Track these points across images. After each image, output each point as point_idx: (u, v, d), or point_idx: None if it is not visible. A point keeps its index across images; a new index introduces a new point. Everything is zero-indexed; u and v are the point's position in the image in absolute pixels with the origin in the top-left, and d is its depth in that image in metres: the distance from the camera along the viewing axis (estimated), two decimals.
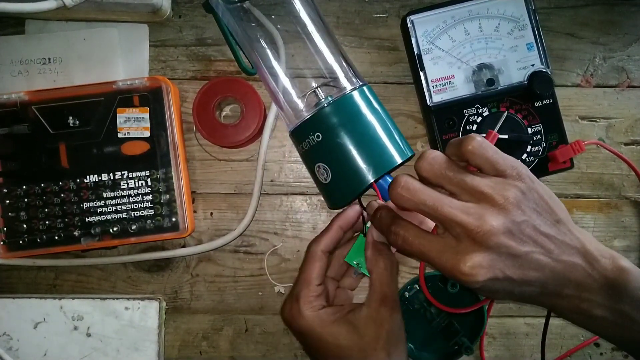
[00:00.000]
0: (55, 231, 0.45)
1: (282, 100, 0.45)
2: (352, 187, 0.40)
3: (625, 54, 0.50)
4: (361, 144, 0.39)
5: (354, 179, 0.39)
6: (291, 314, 0.39)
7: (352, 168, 0.39)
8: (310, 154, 0.41)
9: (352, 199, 0.41)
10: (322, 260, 0.40)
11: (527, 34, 0.46)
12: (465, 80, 0.47)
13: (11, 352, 0.46)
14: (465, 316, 0.47)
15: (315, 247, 0.40)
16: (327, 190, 0.42)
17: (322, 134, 0.40)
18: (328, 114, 0.40)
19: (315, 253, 0.40)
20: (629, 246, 0.50)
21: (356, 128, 0.40)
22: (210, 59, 0.50)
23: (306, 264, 0.40)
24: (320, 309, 0.39)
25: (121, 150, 0.46)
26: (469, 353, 0.46)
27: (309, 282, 0.39)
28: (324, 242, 0.40)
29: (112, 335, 0.47)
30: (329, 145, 0.40)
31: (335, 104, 0.40)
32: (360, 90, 0.41)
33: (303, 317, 0.38)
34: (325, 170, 0.40)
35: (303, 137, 0.41)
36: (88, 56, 0.49)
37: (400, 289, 0.48)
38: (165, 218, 0.46)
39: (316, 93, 0.43)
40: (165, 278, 0.50)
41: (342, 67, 0.44)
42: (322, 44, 0.44)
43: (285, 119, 0.45)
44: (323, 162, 0.40)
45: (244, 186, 0.50)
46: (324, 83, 0.44)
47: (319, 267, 0.40)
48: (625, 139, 0.50)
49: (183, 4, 0.50)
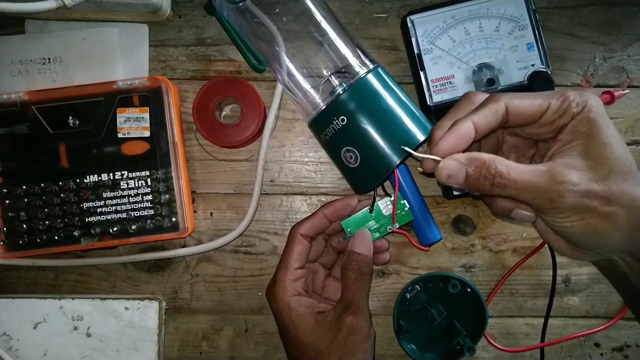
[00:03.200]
0: (55, 231, 0.45)
1: (298, 93, 0.45)
2: (381, 167, 0.40)
3: (625, 54, 0.50)
4: (386, 124, 0.40)
5: (383, 158, 0.40)
6: (268, 294, 0.41)
7: (380, 149, 0.40)
8: (336, 140, 0.41)
9: (382, 179, 0.41)
10: (302, 243, 0.41)
11: (527, 34, 0.46)
12: (466, 80, 0.46)
13: (11, 352, 0.46)
14: (466, 316, 0.47)
15: (295, 230, 0.41)
16: (356, 174, 0.42)
17: (347, 117, 0.40)
18: (350, 97, 0.40)
19: (294, 236, 0.41)
20: None
21: (380, 108, 0.40)
22: (210, 59, 0.50)
23: (286, 247, 0.41)
24: (295, 295, 0.39)
25: (121, 150, 0.46)
26: (471, 353, 0.46)
27: (287, 265, 0.40)
28: (304, 226, 0.41)
29: (112, 335, 0.47)
30: (354, 128, 0.40)
31: (355, 87, 0.40)
32: (375, 71, 0.41)
33: (277, 299, 0.39)
34: (354, 154, 0.41)
35: (326, 124, 0.41)
36: (88, 56, 0.49)
37: (401, 290, 0.48)
38: (165, 218, 0.46)
39: (331, 81, 0.43)
40: (165, 278, 0.50)
41: (355, 51, 0.44)
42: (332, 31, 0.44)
43: (302, 110, 0.45)
44: (351, 145, 0.41)
45: (244, 186, 0.50)
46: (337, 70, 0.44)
47: (298, 250, 0.40)
48: (625, 139, 0.50)
49: (183, 4, 0.50)
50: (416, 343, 0.48)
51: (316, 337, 0.38)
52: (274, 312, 0.40)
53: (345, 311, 0.38)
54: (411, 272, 0.50)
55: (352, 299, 0.38)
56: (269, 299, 0.41)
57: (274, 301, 0.40)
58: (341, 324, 0.37)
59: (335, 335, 0.37)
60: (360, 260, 0.39)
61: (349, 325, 0.37)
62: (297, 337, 0.38)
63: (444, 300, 0.48)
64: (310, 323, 0.38)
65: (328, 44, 0.44)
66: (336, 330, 0.37)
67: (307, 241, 0.41)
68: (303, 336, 0.38)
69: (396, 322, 0.47)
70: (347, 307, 0.38)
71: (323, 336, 0.38)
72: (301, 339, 0.38)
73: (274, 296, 0.40)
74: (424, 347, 0.48)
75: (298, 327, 0.38)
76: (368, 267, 0.39)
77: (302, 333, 0.38)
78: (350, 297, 0.38)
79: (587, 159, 0.31)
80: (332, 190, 0.50)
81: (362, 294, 0.39)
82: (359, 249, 0.39)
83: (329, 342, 0.37)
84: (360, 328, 0.37)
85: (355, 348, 0.37)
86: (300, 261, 0.40)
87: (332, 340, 0.37)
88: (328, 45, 0.44)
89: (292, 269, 0.40)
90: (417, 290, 0.48)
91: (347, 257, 0.40)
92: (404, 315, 0.48)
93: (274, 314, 0.41)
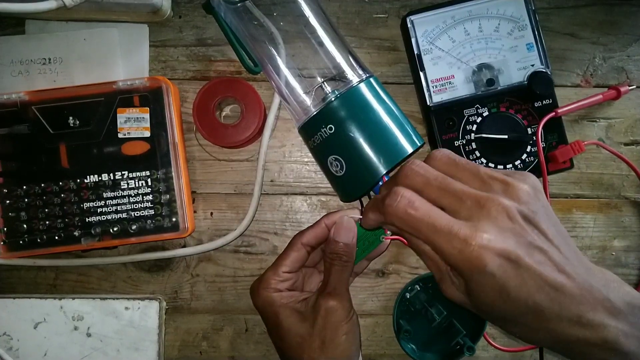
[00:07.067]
0: (56, 231, 0.45)
1: (289, 97, 0.45)
2: (367, 177, 0.40)
3: (625, 54, 0.50)
4: (374, 134, 0.40)
5: (369, 169, 0.40)
6: (252, 290, 0.41)
7: (366, 159, 0.40)
8: (323, 147, 0.41)
9: (367, 189, 0.41)
10: (300, 251, 0.41)
11: (527, 34, 0.46)
12: (465, 81, 0.47)
13: (11, 352, 0.46)
14: (466, 316, 0.47)
15: (297, 238, 0.41)
16: (341, 182, 0.42)
17: (335, 126, 0.40)
18: (340, 105, 0.40)
19: (294, 243, 0.41)
20: (629, 246, 0.50)
21: (369, 118, 0.40)
22: (211, 59, 0.50)
23: (284, 251, 0.42)
24: (277, 292, 0.40)
25: (121, 151, 0.46)
26: (471, 353, 0.46)
27: (277, 267, 0.41)
28: (306, 236, 0.41)
29: (112, 335, 0.47)
30: (342, 137, 0.40)
31: (346, 96, 0.40)
32: (367, 81, 0.41)
33: (259, 295, 0.40)
34: (339, 163, 0.41)
35: (314, 131, 0.41)
36: (88, 56, 0.49)
37: (401, 290, 0.48)
38: (165, 218, 0.46)
39: (323, 87, 0.43)
40: (165, 278, 0.50)
41: (348, 60, 0.44)
42: (327, 38, 0.44)
43: (293, 115, 0.45)
44: (336, 154, 0.41)
45: (244, 186, 0.50)
46: (331, 77, 0.44)
47: (294, 256, 0.41)
48: (625, 139, 0.50)
49: (183, 4, 0.50)
50: (416, 343, 0.48)
51: (297, 321, 0.39)
52: (256, 306, 0.41)
53: (322, 293, 0.39)
54: (411, 271, 0.50)
55: (329, 282, 0.39)
56: (252, 293, 0.41)
57: (256, 295, 0.41)
58: (319, 306, 0.38)
59: (315, 318, 0.38)
60: (339, 249, 0.39)
61: (326, 306, 0.38)
62: (280, 326, 0.39)
63: (443, 300, 0.48)
64: (292, 310, 0.39)
65: (323, 50, 0.44)
66: (315, 313, 0.38)
67: (305, 250, 0.41)
68: (285, 322, 0.39)
69: (396, 322, 0.47)
70: (324, 289, 0.39)
71: (304, 320, 0.39)
72: (284, 325, 0.39)
73: (257, 291, 0.40)
74: (423, 347, 0.48)
75: (280, 315, 0.39)
76: (348, 255, 0.39)
77: (284, 319, 0.39)
78: (328, 281, 0.39)
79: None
80: (332, 190, 0.50)
81: (341, 277, 0.39)
82: (338, 237, 0.39)
83: (309, 326, 0.38)
84: (336, 308, 0.38)
85: (335, 329, 0.38)
86: (291, 267, 0.41)
87: (312, 323, 0.38)
88: (323, 52, 0.44)
89: (281, 271, 0.40)
90: (417, 290, 0.49)
91: (328, 245, 0.40)
92: (404, 315, 0.48)
93: (257, 308, 0.41)
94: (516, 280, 0.29)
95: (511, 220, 0.29)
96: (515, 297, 0.29)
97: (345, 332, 0.38)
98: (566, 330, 0.29)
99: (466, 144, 0.47)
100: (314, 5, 0.44)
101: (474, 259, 0.29)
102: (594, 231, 0.50)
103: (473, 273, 0.29)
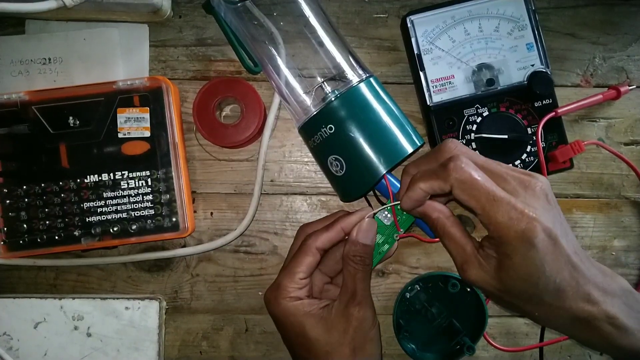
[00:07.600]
0: (56, 231, 0.45)
1: (289, 97, 0.45)
2: (367, 177, 0.40)
3: (625, 54, 0.50)
4: (374, 134, 0.40)
5: (369, 169, 0.40)
6: (269, 299, 0.40)
7: (366, 159, 0.40)
8: (323, 147, 0.41)
9: (367, 189, 0.41)
10: (315, 256, 0.40)
11: (527, 34, 0.46)
12: (465, 80, 0.47)
13: (11, 352, 0.46)
14: (466, 316, 0.47)
15: (312, 242, 0.40)
16: (341, 182, 0.42)
17: (335, 126, 0.40)
18: (340, 105, 0.40)
19: (309, 247, 0.40)
20: (629, 246, 0.50)
21: (369, 118, 0.40)
22: (211, 59, 0.50)
23: (297, 255, 0.40)
24: (298, 300, 0.39)
25: (121, 150, 0.46)
26: (471, 353, 0.46)
27: (294, 274, 0.39)
28: (321, 240, 0.40)
29: (113, 335, 0.47)
30: (342, 137, 0.40)
31: (346, 95, 0.40)
32: (367, 81, 0.41)
33: (279, 304, 0.39)
34: (339, 163, 0.41)
35: (315, 131, 0.41)
36: (88, 56, 0.49)
37: (401, 290, 0.48)
38: (165, 218, 0.46)
39: (323, 87, 0.43)
40: (165, 278, 0.50)
41: (348, 60, 0.44)
42: (327, 38, 0.44)
43: (293, 115, 0.45)
44: (336, 154, 0.41)
45: (244, 186, 0.50)
46: (331, 77, 0.44)
47: (309, 262, 0.39)
48: (625, 139, 0.50)
49: (183, 4, 0.50)
50: (416, 343, 0.48)
51: (325, 329, 0.38)
52: (275, 316, 0.40)
53: (352, 302, 0.38)
54: (411, 271, 0.50)
55: (356, 289, 0.38)
56: (269, 303, 0.40)
57: (275, 305, 0.39)
58: (350, 315, 0.38)
59: (346, 327, 0.38)
60: (364, 251, 0.39)
61: (357, 316, 0.38)
62: (304, 335, 0.38)
63: (443, 299, 0.48)
64: (317, 318, 0.38)
65: (323, 50, 0.44)
66: (345, 321, 0.38)
67: (320, 254, 0.40)
68: (311, 332, 0.38)
69: (396, 322, 0.47)
70: (352, 297, 0.38)
71: (330, 329, 0.38)
72: (310, 335, 0.38)
73: (276, 300, 0.39)
74: (423, 347, 0.48)
75: (305, 324, 0.38)
76: (370, 257, 0.39)
77: (310, 329, 0.38)
78: (354, 287, 0.39)
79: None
80: (332, 190, 0.50)
81: (365, 283, 0.39)
82: (364, 239, 0.39)
83: (340, 334, 0.38)
84: (367, 317, 0.38)
85: (365, 337, 0.38)
86: (307, 273, 0.40)
87: (343, 331, 0.38)
88: (323, 51, 0.44)
89: (298, 278, 0.39)
90: (417, 289, 0.49)
91: (351, 247, 0.39)
92: (404, 315, 0.48)
93: (275, 319, 0.40)
94: (552, 256, 0.32)
95: (549, 202, 0.33)
96: (549, 273, 0.32)
97: (372, 338, 0.39)
98: (581, 307, 0.32)
99: (466, 143, 0.47)
100: (314, 5, 0.44)
101: (527, 230, 0.31)
102: (594, 231, 0.50)
103: (521, 245, 0.31)
